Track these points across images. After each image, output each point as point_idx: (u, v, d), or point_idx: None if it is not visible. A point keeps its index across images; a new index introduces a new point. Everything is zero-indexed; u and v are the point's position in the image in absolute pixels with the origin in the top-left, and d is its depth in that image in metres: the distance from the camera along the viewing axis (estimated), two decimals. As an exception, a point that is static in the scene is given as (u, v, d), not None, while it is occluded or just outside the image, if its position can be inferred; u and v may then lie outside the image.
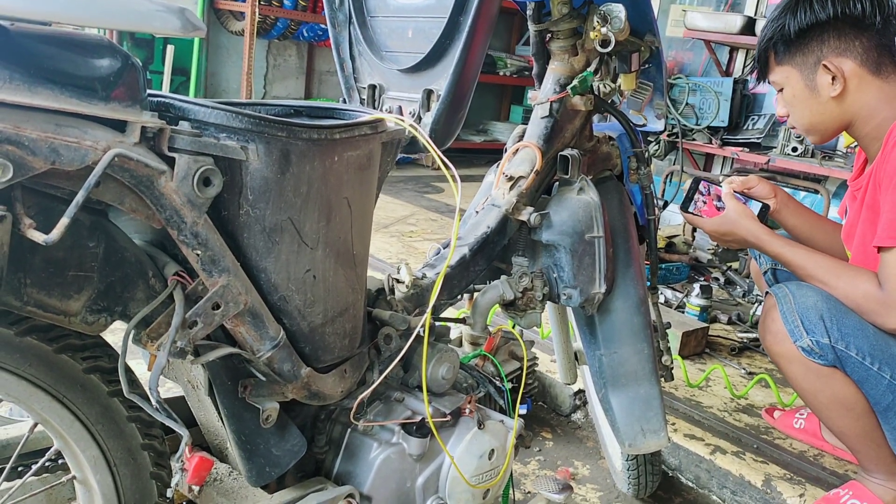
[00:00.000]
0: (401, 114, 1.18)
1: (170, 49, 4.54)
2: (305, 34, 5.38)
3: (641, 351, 1.45)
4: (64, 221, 0.65)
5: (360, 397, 1.01)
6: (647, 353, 1.46)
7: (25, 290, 0.72)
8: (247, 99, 4.36)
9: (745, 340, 2.68)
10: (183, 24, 0.68)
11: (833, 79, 1.56)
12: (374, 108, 1.23)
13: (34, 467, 0.92)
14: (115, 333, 0.85)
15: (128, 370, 0.84)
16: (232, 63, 5.16)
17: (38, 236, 0.66)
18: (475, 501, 1.16)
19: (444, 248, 1.35)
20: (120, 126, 0.71)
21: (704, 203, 1.95)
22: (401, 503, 1.10)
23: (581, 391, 2.23)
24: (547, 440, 2.14)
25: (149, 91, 0.77)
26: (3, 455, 0.96)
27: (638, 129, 1.56)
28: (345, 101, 1.26)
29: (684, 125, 3.66)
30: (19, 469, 0.94)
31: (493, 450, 1.16)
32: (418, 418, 1.10)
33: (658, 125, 1.63)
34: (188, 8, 0.68)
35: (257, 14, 4.57)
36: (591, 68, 1.35)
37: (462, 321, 1.35)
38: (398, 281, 1.20)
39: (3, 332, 0.75)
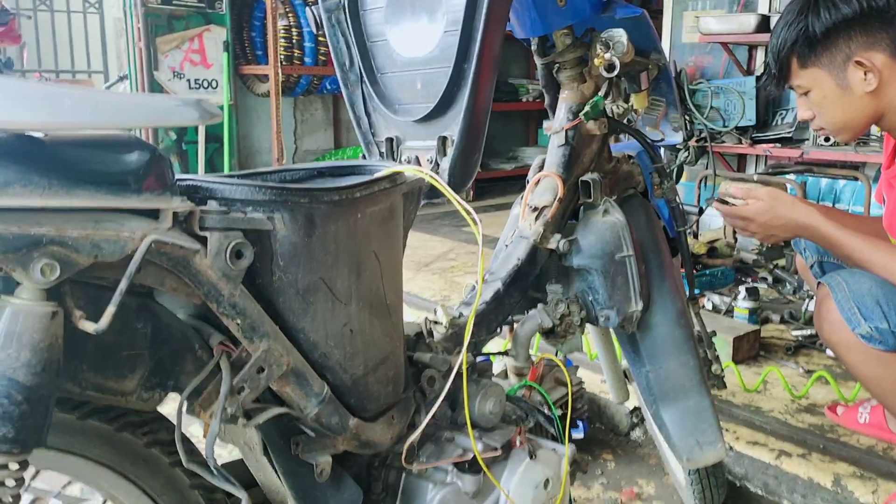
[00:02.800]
0: (418, 163, 1.22)
1: (201, 119, 4.70)
2: (329, 87, 5.52)
3: (687, 363, 1.45)
4: (111, 310, 0.70)
5: (409, 441, 1.04)
6: (692, 364, 1.46)
7: (83, 376, 0.77)
8: (278, 156, 4.48)
9: (799, 338, 2.63)
10: (200, 115, 0.73)
11: (866, 73, 1.52)
12: (393, 159, 1.27)
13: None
14: (170, 405, 0.89)
15: (185, 440, 0.89)
16: (262, 124, 5.32)
17: (88, 326, 0.70)
18: (535, 533, 1.17)
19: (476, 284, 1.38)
20: (153, 213, 0.76)
21: None
22: (460, 540, 1.12)
23: (637, 408, 2.22)
24: (608, 461, 2.13)
25: (177, 176, 0.82)
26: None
27: (657, 144, 1.58)
28: (364, 157, 1.31)
29: (712, 129, 3.64)
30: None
31: (547, 479, 1.17)
32: (470, 455, 1.12)
33: (676, 138, 1.64)
34: (203, 98, 0.73)
35: (280, 74, 4.72)
36: (601, 93, 1.38)
37: (505, 353, 1.38)
38: (436, 322, 1.23)
39: (66, 417, 0.80)
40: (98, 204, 0.71)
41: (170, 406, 0.88)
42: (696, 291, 1.68)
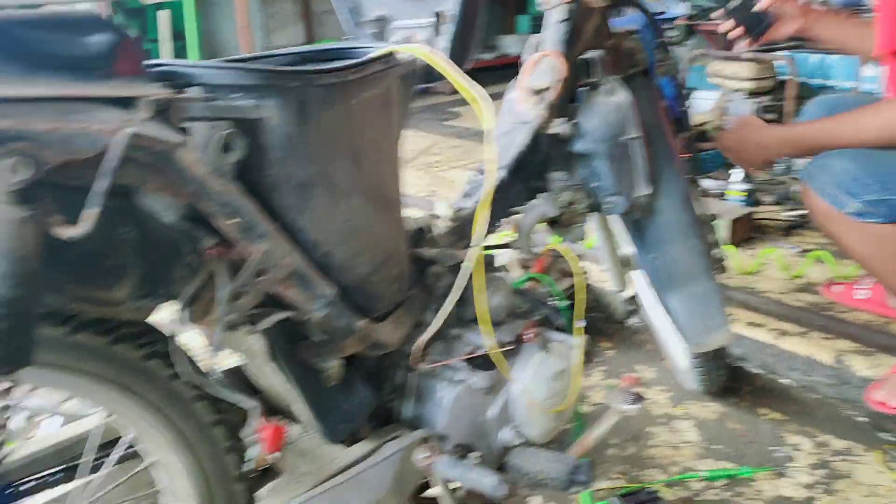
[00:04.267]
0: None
1: (163, 14, 4.45)
2: (296, -23, 5.23)
3: (693, 247, 1.41)
4: (90, 213, 0.63)
5: (422, 341, 0.99)
6: (699, 248, 1.42)
7: (67, 287, 0.71)
8: (248, 54, 4.28)
9: (793, 218, 2.61)
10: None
11: None
12: (383, 41, 1.17)
13: (114, 457, 0.92)
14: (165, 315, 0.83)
15: (183, 351, 0.83)
16: (227, 20, 5.04)
17: (66, 232, 0.63)
18: (550, 424, 1.15)
19: (480, 175, 1.31)
20: (127, 103, 0.67)
21: None
22: (476, 436, 1.09)
23: (634, 296, 2.20)
24: (606, 349, 2.13)
25: (150, 61, 0.73)
26: (79, 450, 0.97)
27: (659, 17, 1.48)
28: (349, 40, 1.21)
29: (699, 5, 3.47)
30: (98, 462, 0.95)
31: (560, 370, 1.15)
32: (480, 351, 1.08)
33: (679, 9, 1.54)
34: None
35: (243, -36, 4.43)
36: (603, -41, 1.27)
37: (507, 246, 1.32)
38: (437, 217, 1.17)
39: (55, 333, 0.74)
40: (63, 92, 0.62)
41: (165, 316, 0.82)
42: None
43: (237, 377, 1.00)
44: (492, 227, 1.27)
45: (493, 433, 1.11)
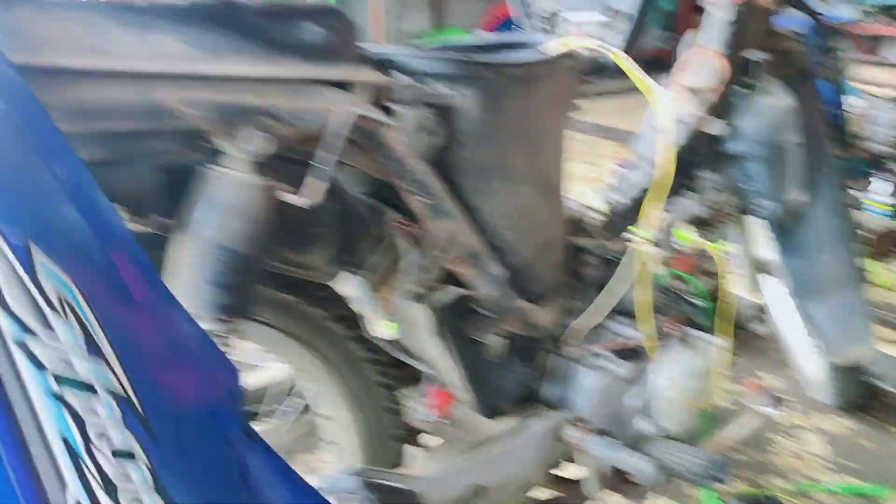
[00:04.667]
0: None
1: (301, -4, 4.61)
2: (427, -37, 5.30)
3: (843, 256, 1.38)
4: (322, 185, 0.70)
5: (579, 326, 1.03)
6: (848, 258, 1.39)
7: (279, 250, 0.78)
8: (376, 38, 4.38)
9: (938, 235, 2.48)
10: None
11: None
12: (552, 34, 1.21)
13: (287, 407, 1.01)
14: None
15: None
16: (360, 3, 5.17)
17: (299, 200, 0.70)
18: (687, 419, 1.16)
19: (626, 170, 1.33)
20: (346, 85, 0.74)
21: None
22: (614, 423, 1.12)
23: (763, 302, 2.15)
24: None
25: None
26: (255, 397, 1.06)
27: (825, 19, 1.45)
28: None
29: (869, 9, 3.31)
30: (269, 410, 1.04)
31: (701, 368, 1.16)
32: (631, 342, 1.10)
33: (847, 13, 1.50)
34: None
35: (380, -52, 4.54)
36: (776, -42, 1.25)
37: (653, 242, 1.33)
38: (591, 208, 1.20)
39: (262, 289, 0.82)
40: (301, 74, 0.69)
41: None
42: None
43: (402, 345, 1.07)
44: (635, 223, 1.29)
45: (630, 422, 1.13)
